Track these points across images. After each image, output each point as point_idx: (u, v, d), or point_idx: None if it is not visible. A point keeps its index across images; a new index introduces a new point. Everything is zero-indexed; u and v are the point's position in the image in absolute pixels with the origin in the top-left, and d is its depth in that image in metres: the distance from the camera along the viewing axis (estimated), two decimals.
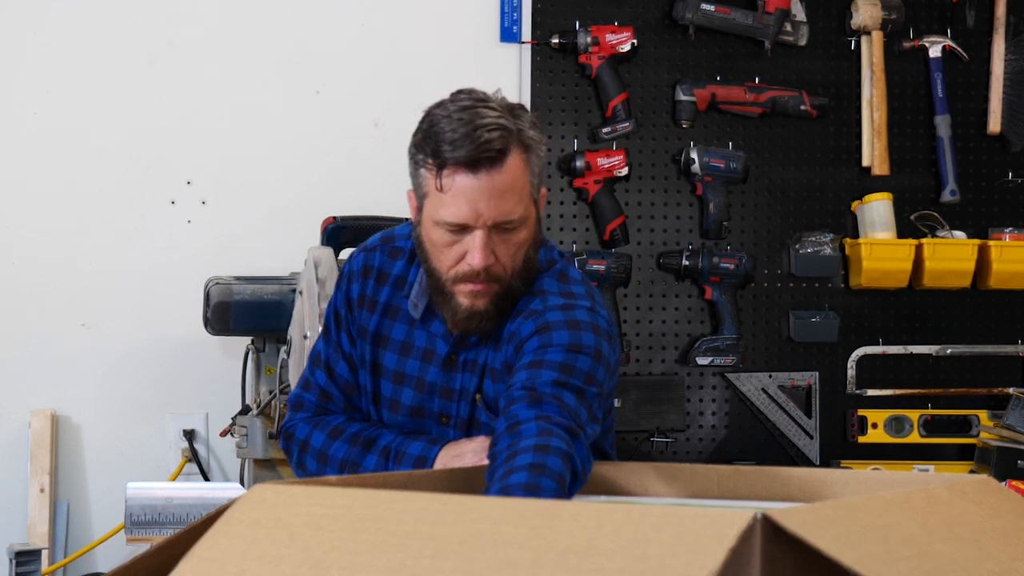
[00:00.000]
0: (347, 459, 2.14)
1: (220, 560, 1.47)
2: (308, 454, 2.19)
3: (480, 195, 2.04)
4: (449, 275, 2.10)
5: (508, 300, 2.13)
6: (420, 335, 2.23)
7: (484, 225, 2.06)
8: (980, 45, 3.95)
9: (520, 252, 2.11)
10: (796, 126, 3.88)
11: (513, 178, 2.06)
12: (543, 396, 1.97)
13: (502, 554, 1.35)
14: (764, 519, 1.32)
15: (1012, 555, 1.53)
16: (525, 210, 2.09)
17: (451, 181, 2.04)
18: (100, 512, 3.54)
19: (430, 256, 2.12)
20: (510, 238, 2.09)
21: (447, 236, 2.08)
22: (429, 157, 2.07)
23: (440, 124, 2.08)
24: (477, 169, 2.04)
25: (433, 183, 2.06)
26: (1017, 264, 3.85)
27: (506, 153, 2.05)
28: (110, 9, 3.59)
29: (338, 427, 2.18)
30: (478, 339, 2.19)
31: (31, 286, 3.55)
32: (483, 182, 2.04)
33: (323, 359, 2.30)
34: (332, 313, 2.30)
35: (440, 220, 2.07)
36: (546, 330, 2.08)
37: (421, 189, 2.11)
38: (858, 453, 3.86)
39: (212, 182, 3.64)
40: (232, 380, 3.49)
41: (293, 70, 3.67)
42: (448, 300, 2.12)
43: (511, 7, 3.74)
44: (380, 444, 2.12)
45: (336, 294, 2.29)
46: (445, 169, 2.04)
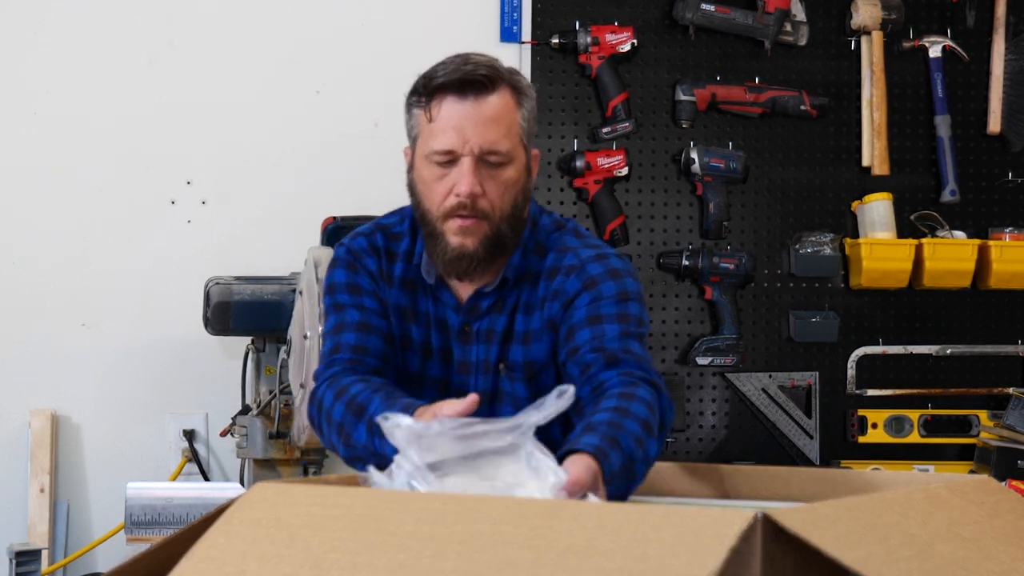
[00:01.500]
0: (342, 425, 2.07)
1: (220, 559, 1.47)
2: (323, 416, 2.12)
3: (467, 120, 2.09)
4: (439, 211, 2.12)
5: (498, 246, 2.15)
6: (435, 306, 2.24)
7: (471, 152, 2.09)
8: (980, 45, 3.95)
9: (508, 193, 2.13)
10: (796, 126, 3.88)
11: (501, 110, 2.11)
12: (617, 354, 2.06)
13: (502, 554, 1.35)
14: (764, 519, 1.33)
15: (1012, 555, 1.54)
16: (513, 148, 2.13)
17: (439, 109, 2.10)
18: (100, 512, 3.54)
19: (422, 198, 2.15)
20: (498, 174, 2.12)
21: (437, 170, 2.11)
22: (421, 95, 2.13)
23: (432, 70, 2.16)
24: (464, 94, 2.10)
25: (423, 117, 2.12)
26: (1017, 264, 3.85)
27: (494, 82, 2.11)
28: (110, 9, 3.59)
29: (344, 387, 2.10)
30: (488, 306, 2.21)
31: (31, 286, 3.55)
32: (469, 107, 2.10)
33: (347, 322, 2.21)
34: (344, 287, 2.24)
35: (430, 152, 2.11)
36: (593, 284, 2.14)
37: (413, 133, 2.17)
38: (858, 453, 3.86)
39: (212, 182, 3.64)
40: (232, 380, 3.49)
41: (293, 70, 3.67)
42: (439, 241, 2.14)
43: (511, 7, 3.74)
44: (368, 413, 2.03)
45: (337, 272, 2.25)
46: (435, 98, 2.11)
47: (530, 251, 2.23)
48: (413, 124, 2.17)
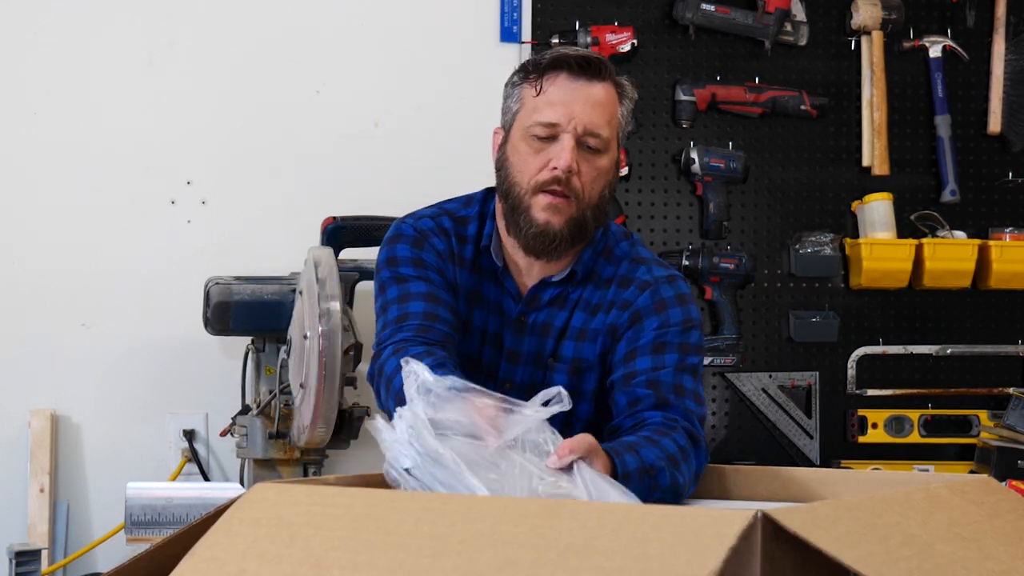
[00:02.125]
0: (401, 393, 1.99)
1: (221, 559, 1.47)
2: (383, 380, 2.10)
3: (576, 97, 2.14)
4: (531, 184, 2.16)
5: (580, 231, 2.18)
6: (494, 290, 2.27)
7: (574, 130, 2.13)
8: (980, 45, 3.95)
9: (599, 181, 2.18)
10: (796, 126, 3.88)
11: (607, 98, 2.16)
12: (669, 396, 2.13)
13: (502, 553, 1.35)
14: (764, 518, 1.33)
15: (1012, 555, 1.54)
16: (611, 137, 2.18)
17: (551, 83, 2.14)
18: (100, 512, 3.54)
19: (513, 170, 2.18)
20: (593, 160, 2.16)
21: (535, 143, 2.16)
22: (530, 72, 2.17)
23: (546, 52, 2.20)
24: (578, 75, 2.14)
25: (531, 91, 2.16)
26: (1017, 264, 3.85)
27: (605, 74, 2.16)
28: (110, 9, 3.59)
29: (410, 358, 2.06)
30: (550, 299, 2.24)
31: (31, 286, 3.55)
32: (581, 86, 2.14)
33: (413, 293, 2.20)
34: (409, 260, 2.23)
35: (533, 123, 2.15)
36: (663, 308, 2.22)
37: (512, 109, 2.20)
38: (858, 453, 3.86)
39: (212, 182, 3.64)
40: (232, 380, 3.49)
41: (293, 70, 3.67)
42: (524, 214, 2.17)
43: (511, 7, 3.74)
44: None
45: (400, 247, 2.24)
46: (548, 73, 2.15)
47: (599, 253, 2.27)
48: (514, 100, 2.21)
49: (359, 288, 3.48)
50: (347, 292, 3.39)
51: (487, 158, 3.72)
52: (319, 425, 3.05)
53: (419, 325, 2.15)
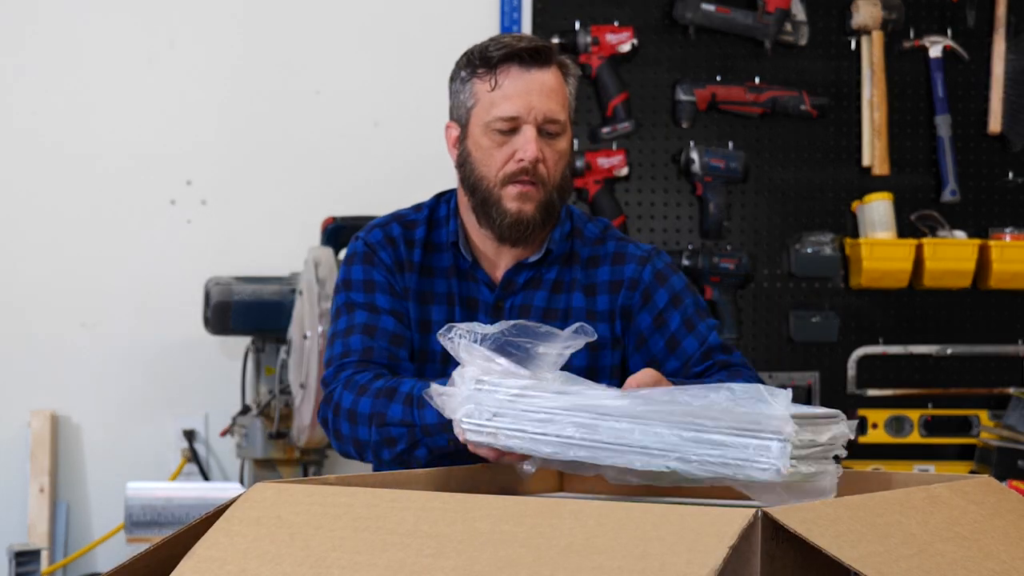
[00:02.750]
0: (373, 412, 2.11)
1: (221, 559, 1.47)
2: (341, 417, 2.17)
3: (532, 88, 2.18)
4: (498, 177, 2.21)
5: (550, 213, 2.25)
6: (463, 285, 2.31)
7: (535, 120, 2.18)
8: (980, 45, 3.95)
9: (561, 163, 2.23)
10: (796, 126, 3.88)
11: (558, 83, 2.21)
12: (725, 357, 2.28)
13: (502, 553, 1.35)
14: (765, 517, 1.33)
15: (1012, 555, 1.53)
16: (566, 119, 2.23)
17: (504, 77, 2.19)
18: (100, 512, 3.54)
19: (479, 165, 2.23)
20: (554, 144, 2.22)
21: (498, 137, 2.20)
22: (479, 66, 2.20)
23: (486, 44, 2.23)
24: (529, 65, 2.19)
25: (484, 86, 2.20)
26: (1017, 264, 3.85)
27: (551, 57, 2.21)
28: (110, 9, 3.59)
29: (364, 384, 2.15)
30: (525, 282, 2.29)
31: (31, 286, 3.55)
32: (534, 77, 2.19)
33: (356, 324, 2.26)
34: (360, 283, 2.30)
35: (493, 118, 2.19)
36: (665, 278, 2.31)
37: (466, 104, 2.23)
38: (858, 453, 3.86)
39: (212, 182, 3.64)
40: (232, 380, 3.49)
41: (293, 70, 3.67)
42: (495, 207, 2.23)
43: (511, 7, 3.74)
44: (402, 392, 2.09)
45: (355, 269, 2.31)
46: (499, 67, 2.18)
47: (568, 233, 2.32)
48: (468, 95, 2.23)
49: None
50: None
51: None
52: (319, 425, 3.05)
53: (358, 361, 2.22)
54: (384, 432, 2.10)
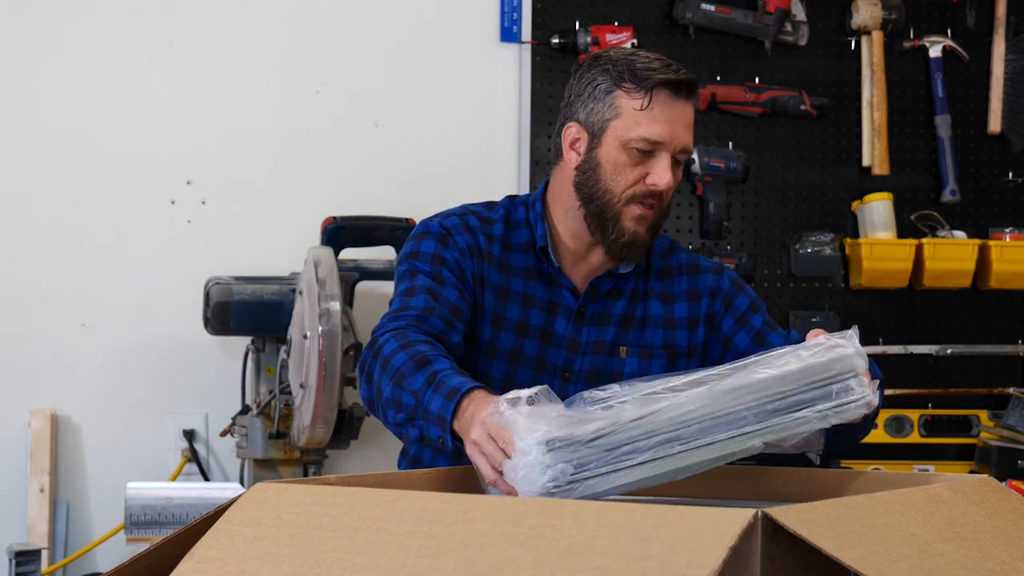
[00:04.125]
0: (401, 370, 2.07)
1: (221, 559, 1.47)
2: (378, 361, 2.12)
3: (678, 119, 2.23)
4: (624, 195, 2.25)
5: (656, 234, 2.34)
6: (545, 288, 2.35)
7: (673, 150, 2.23)
8: (980, 45, 3.95)
9: (672, 191, 2.30)
10: (796, 126, 3.88)
11: (693, 117, 2.27)
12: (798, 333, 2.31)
13: (502, 553, 1.35)
14: (764, 518, 1.33)
15: (1012, 555, 1.53)
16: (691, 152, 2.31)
17: (657, 100, 2.21)
18: (100, 512, 3.54)
19: (606, 177, 2.26)
20: (676, 172, 2.28)
21: (635, 156, 2.23)
22: (627, 80, 2.22)
23: (629, 57, 2.25)
24: (679, 95, 2.23)
25: (632, 103, 2.22)
26: (1017, 264, 3.85)
27: (695, 92, 2.27)
28: (110, 9, 3.59)
29: (410, 341, 2.12)
30: (607, 291, 2.35)
31: (31, 286, 3.55)
32: (680, 108, 2.24)
33: (418, 286, 2.25)
34: (429, 256, 2.29)
35: (635, 137, 2.22)
36: (741, 287, 2.44)
37: (606, 114, 2.25)
38: (858, 453, 3.85)
39: (212, 182, 3.64)
40: (232, 380, 3.49)
41: (293, 70, 3.67)
42: (612, 224, 2.27)
43: (511, 7, 3.74)
44: (432, 368, 2.04)
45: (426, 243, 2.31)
46: (654, 89, 2.21)
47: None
48: (608, 106, 2.25)
49: (359, 288, 3.48)
50: (347, 292, 3.39)
51: (486, 158, 3.75)
52: (319, 425, 3.05)
53: (415, 316, 2.20)
54: (397, 393, 2.06)
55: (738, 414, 1.76)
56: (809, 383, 1.77)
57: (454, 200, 3.67)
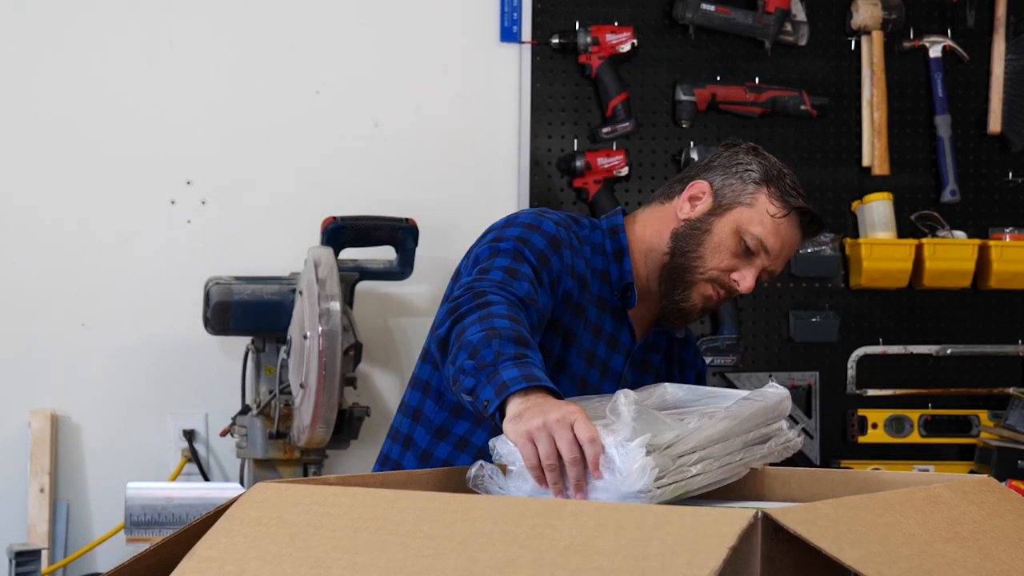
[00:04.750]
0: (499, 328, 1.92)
1: (221, 559, 1.47)
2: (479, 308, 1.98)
3: (787, 245, 2.35)
4: (708, 272, 2.32)
5: (699, 318, 2.44)
6: (610, 321, 2.36)
7: (768, 264, 2.34)
8: (980, 45, 3.95)
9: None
10: (796, 126, 3.88)
11: (795, 252, 2.45)
12: None
13: (503, 553, 1.35)
14: (764, 518, 1.33)
15: (1012, 555, 1.54)
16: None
17: (789, 219, 2.32)
18: (100, 512, 3.54)
19: (704, 247, 2.32)
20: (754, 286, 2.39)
21: (738, 247, 2.31)
22: (776, 186, 2.32)
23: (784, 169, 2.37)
24: (801, 228, 2.36)
25: (769, 207, 2.31)
26: (1017, 264, 3.85)
27: (815, 232, 2.43)
28: (110, 9, 3.59)
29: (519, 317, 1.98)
30: (651, 343, 2.42)
31: (31, 286, 3.55)
32: (796, 238, 2.37)
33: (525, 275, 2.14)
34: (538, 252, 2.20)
35: (752, 233, 2.31)
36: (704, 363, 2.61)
37: (742, 197, 2.32)
38: (858, 453, 3.86)
39: (212, 182, 3.64)
40: (232, 380, 3.49)
41: (293, 70, 3.67)
42: (683, 288, 2.33)
43: (511, 7, 3.74)
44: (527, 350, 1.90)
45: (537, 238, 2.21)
46: (794, 210, 2.32)
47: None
48: (747, 194, 2.32)
49: (359, 288, 3.48)
50: (347, 292, 3.39)
51: (486, 158, 3.74)
52: (319, 425, 3.05)
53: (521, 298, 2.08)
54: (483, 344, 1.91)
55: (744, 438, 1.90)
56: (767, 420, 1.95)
57: (454, 200, 3.71)
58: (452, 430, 2.31)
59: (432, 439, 2.33)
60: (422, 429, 2.35)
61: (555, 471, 1.73)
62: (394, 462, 2.39)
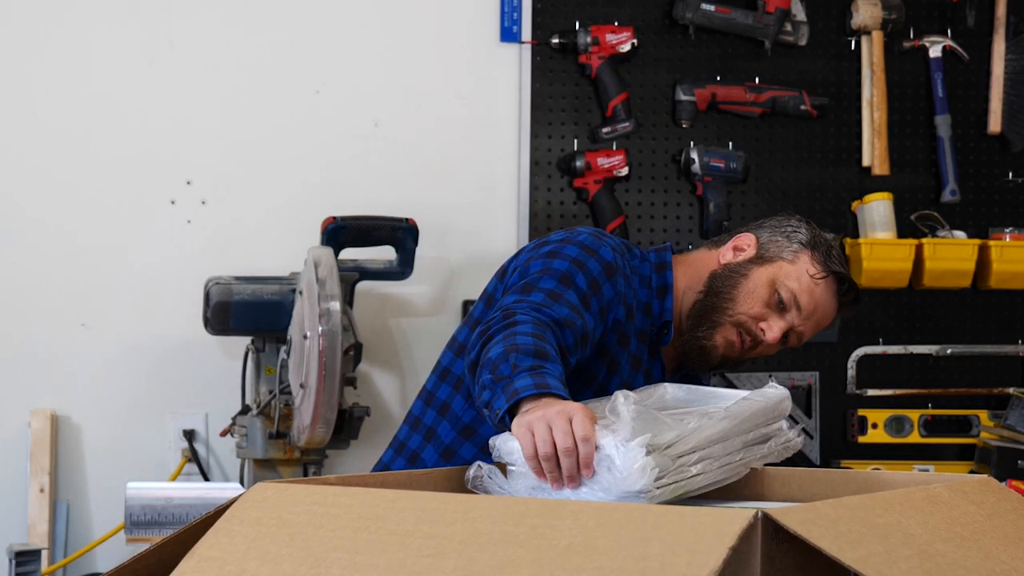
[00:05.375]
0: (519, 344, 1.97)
1: (221, 559, 1.47)
2: (505, 328, 2.02)
3: (819, 310, 2.37)
4: (737, 316, 2.35)
5: (720, 368, 2.46)
6: (646, 353, 2.39)
7: (796, 324, 2.35)
8: (980, 45, 3.95)
9: (764, 353, 2.44)
10: (796, 126, 3.88)
11: (827, 323, 2.42)
12: None
13: (503, 553, 1.35)
14: (764, 518, 1.33)
15: (1012, 555, 1.54)
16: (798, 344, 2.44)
17: (820, 282, 2.36)
18: (100, 512, 3.54)
19: (739, 291, 2.35)
20: (778, 345, 2.40)
21: (771, 299, 2.35)
22: (820, 252, 2.37)
23: (831, 241, 2.42)
24: (837, 297, 2.38)
25: (809, 267, 2.36)
26: (1017, 264, 3.85)
27: (850, 307, 2.43)
28: (110, 9, 3.59)
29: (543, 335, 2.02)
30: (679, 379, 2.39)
31: (31, 286, 3.55)
32: (828, 302, 2.38)
33: (568, 301, 2.16)
34: (591, 279, 2.23)
35: (786, 289, 2.34)
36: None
37: (785, 254, 2.38)
38: (858, 453, 3.86)
39: (212, 182, 3.64)
40: (232, 380, 3.49)
41: (293, 70, 3.67)
42: (708, 327, 2.36)
43: (511, 7, 3.74)
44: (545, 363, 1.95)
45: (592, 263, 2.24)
46: (829, 275, 2.36)
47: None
48: (791, 252, 2.37)
49: (359, 288, 3.48)
50: (347, 292, 3.39)
51: (486, 158, 3.74)
52: (319, 425, 3.05)
53: (555, 320, 2.10)
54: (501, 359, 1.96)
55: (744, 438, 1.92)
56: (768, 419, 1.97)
57: (454, 200, 3.71)
58: (479, 431, 2.31)
59: (458, 436, 2.33)
60: (448, 424, 2.34)
61: (550, 460, 1.78)
62: (412, 452, 2.37)
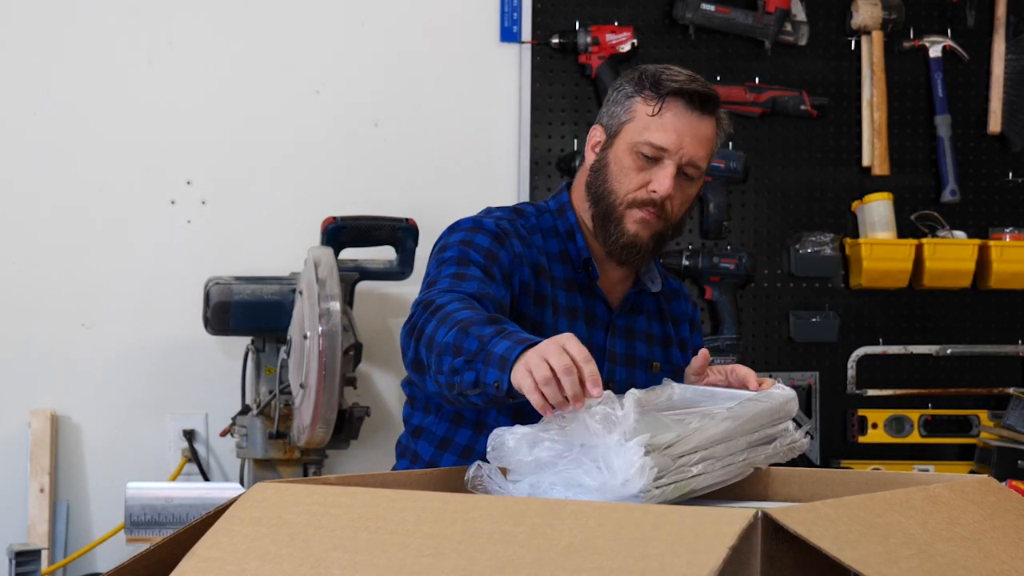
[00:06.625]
0: (466, 320, 1.97)
1: (221, 559, 1.47)
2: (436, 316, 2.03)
3: (687, 130, 2.26)
4: (626, 198, 2.29)
5: (660, 245, 2.35)
6: (582, 299, 2.37)
7: (679, 160, 2.26)
8: (980, 45, 3.95)
9: (685, 206, 2.33)
10: (796, 126, 3.88)
11: (711, 133, 2.30)
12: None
13: (503, 553, 1.35)
14: (764, 518, 1.33)
15: (1012, 555, 1.54)
16: (704, 168, 2.31)
17: (668, 108, 2.25)
18: (100, 512, 3.54)
19: (612, 178, 2.29)
20: (685, 187, 2.30)
21: (639, 161, 2.27)
22: (647, 88, 2.27)
23: (660, 70, 2.30)
24: (693, 107, 2.26)
25: (646, 108, 2.26)
26: (1017, 264, 3.85)
27: (716, 108, 2.30)
28: (110, 9, 3.59)
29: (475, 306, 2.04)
30: (631, 305, 2.40)
31: (31, 286, 3.55)
32: (693, 120, 2.26)
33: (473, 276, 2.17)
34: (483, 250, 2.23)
35: (642, 141, 2.26)
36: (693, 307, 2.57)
37: (621, 117, 2.30)
38: (858, 453, 3.86)
39: (212, 182, 3.64)
40: (232, 380, 3.49)
41: (293, 70, 3.67)
42: (614, 224, 2.30)
43: (511, 7, 3.74)
44: (502, 324, 1.94)
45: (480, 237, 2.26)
46: (668, 97, 2.25)
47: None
48: (625, 109, 2.29)
49: (359, 288, 3.48)
50: (347, 292, 3.39)
51: (486, 158, 3.74)
52: (319, 425, 3.05)
53: (471, 294, 2.12)
54: (460, 339, 1.95)
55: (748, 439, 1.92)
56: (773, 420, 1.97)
57: (454, 200, 3.70)
58: (455, 440, 2.34)
59: (436, 451, 2.35)
60: (425, 443, 2.40)
61: (551, 385, 1.77)
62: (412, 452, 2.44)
